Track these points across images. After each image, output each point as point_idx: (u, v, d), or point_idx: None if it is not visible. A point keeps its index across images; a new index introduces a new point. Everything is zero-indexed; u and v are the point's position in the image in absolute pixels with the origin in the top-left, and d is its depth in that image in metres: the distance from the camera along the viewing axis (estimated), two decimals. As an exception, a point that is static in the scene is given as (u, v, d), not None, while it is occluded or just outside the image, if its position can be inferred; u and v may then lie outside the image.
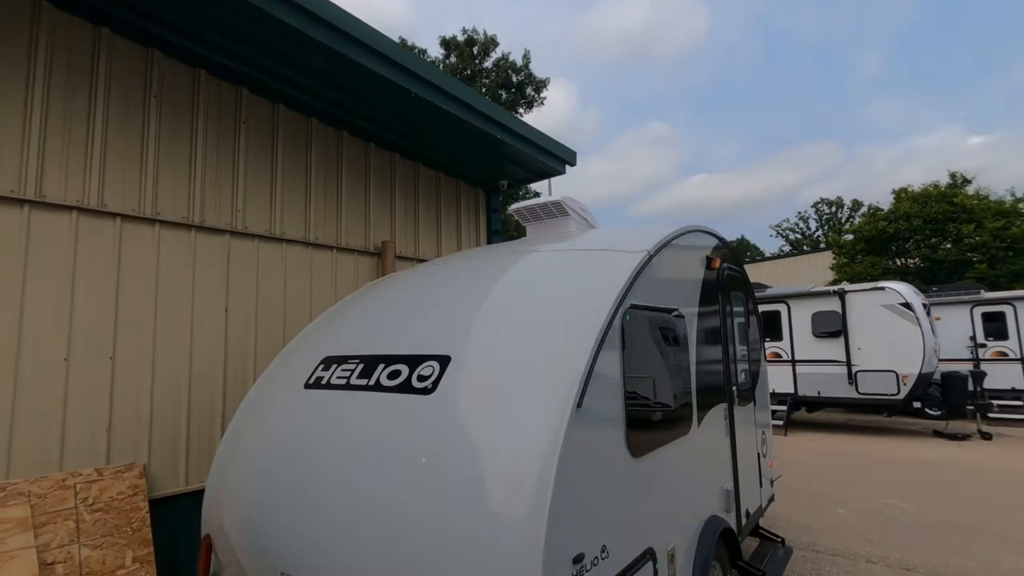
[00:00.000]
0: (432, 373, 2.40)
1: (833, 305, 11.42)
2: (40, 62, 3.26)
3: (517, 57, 25.38)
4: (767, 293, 12.62)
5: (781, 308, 12.18)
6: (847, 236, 27.76)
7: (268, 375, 3.37)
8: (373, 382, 2.57)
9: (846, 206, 43.77)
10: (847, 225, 38.24)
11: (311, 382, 2.90)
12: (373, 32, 4.09)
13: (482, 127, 5.25)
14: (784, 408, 11.51)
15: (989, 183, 51.15)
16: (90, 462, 3.22)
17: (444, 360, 2.43)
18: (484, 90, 24.12)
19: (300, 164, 4.72)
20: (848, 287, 11.58)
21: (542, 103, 26.01)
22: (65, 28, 3.40)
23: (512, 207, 4.34)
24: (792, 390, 11.79)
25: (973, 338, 12.62)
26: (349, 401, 2.63)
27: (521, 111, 25.23)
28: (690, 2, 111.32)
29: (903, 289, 10.90)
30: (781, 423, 11.22)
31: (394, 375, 2.52)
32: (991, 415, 11.46)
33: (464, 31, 25.25)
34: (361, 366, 2.72)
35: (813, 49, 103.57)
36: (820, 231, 44.53)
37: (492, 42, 25.19)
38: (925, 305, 11.28)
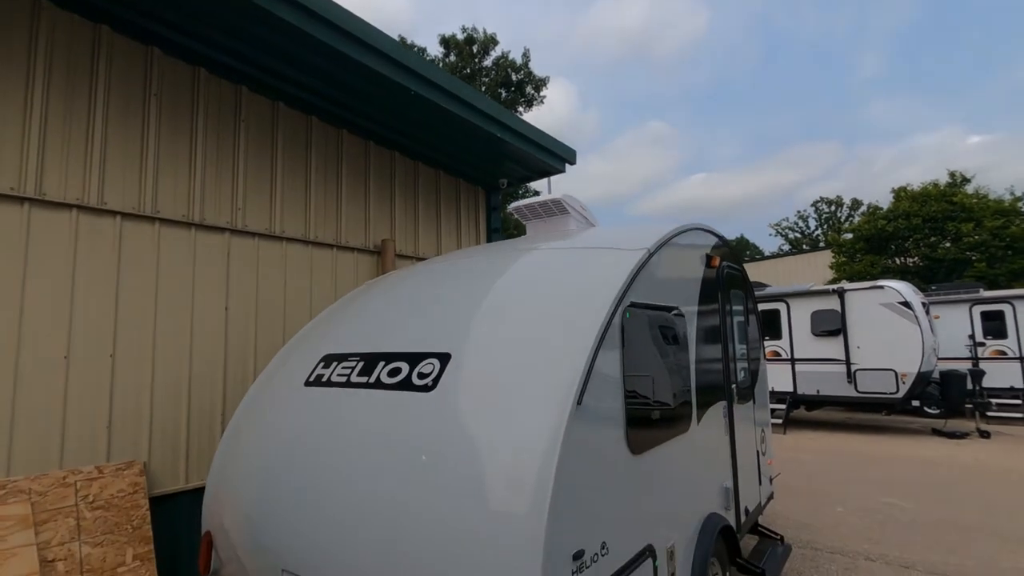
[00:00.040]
0: (432, 371, 2.40)
1: (832, 304, 11.44)
2: (40, 60, 3.26)
3: (517, 56, 25.35)
4: (767, 292, 12.63)
5: (780, 307, 12.19)
6: (846, 235, 27.79)
7: (268, 373, 3.37)
8: (373, 379, 2.58)
9: (846, 205, 43.82)
10: (846, 224, 38.20)
11: (311, 380, 2.90)
12: (373, 30, 4.09)
13: (482, 125, 5.25)
14: (783, 407, 11.53)
15: (988, 182, 51.20)
16: (90, 460, 3.22)
17: (444, 358, 2.44)
18: (484, 89, 24.08)
19: (300, 162, 4.72)
20: (847, 286, 11.60)
21: (542, 102, 25.96)
22: (65, 26, 3.40)
23: (512, 205, 4.34)
24: (791, 388, 11.80)
25: (972, 337, 12.63)
26: (349, 399, 2.64)
27: (521, 110, 25.19)
28: (690, 2, 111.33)
29: (902, 288, 10.91)
30: (780, 421, 11.24)
31: (394, 372, 2.53)
32: (990, 414, 11.47)
33: (464, 30, 25.22)
34: (361, 364, 2.73)
35: (813, 49, 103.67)
36: (819, 230, 44.53)
37: (492, 41, 25.14)
38: (924, 304, 11.29)
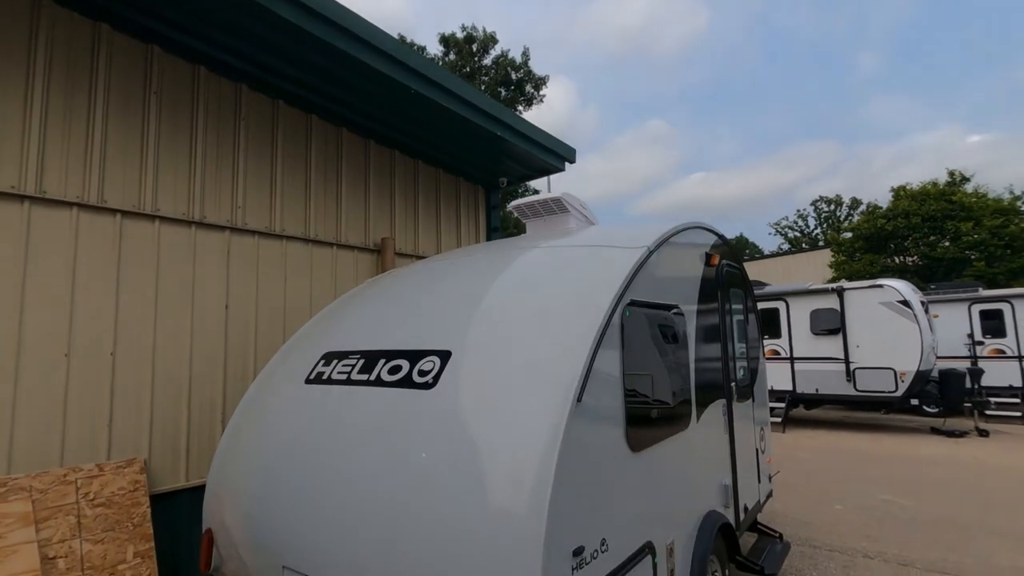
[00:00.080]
0: (433, 368, 2.41)
1: (831, 303, 11.45)
2: (40, 58, 3.26)
3: (516, 54, 25.34)
4: (766, 290, 12.64)
5: (780, 305, 12.20)
6: (846, 234, 27.81)
7: (268, 371, 3.38)
8: (374, 377, 2.58)
9: (845, 204, 43.79)
10: (846, 223, 38.27)
11: (312, 377, 2.91)
12: (373, 28, 4.09)
13: (482, 124, 5.24)
14: (782, 405, 11.55)
15: (988, 181, 51.08)
16: (91, 457, 3.23)
17: (445, 355, 2.44)
18: (483, 87, 24.06)
19: (300, 160, 4.72)
20: (847, 285, 11.61)
21: (541, 101, 25.94)
22: (65, 24, 3.39)
23: (512, 204, 4.34)
24: (790, 387, 11.82)
25: (971, 335, 12.64)
26: (350, 396, 2.64)
27: (520, 108, 25.17)
28: (690, 1, 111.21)
29: (901, 287, 10.92)
30: (779, 420, 11.26)
31: (395, 370, 2.54)
32: (988, 412, 11.51)
33: (463, 28, 25.19)
34: (362, 361, 2.73)
35: (813, 49, 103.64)
36: (819, 229, 44.54)
37: (491, 39, 25.12)
38: (923, 303, 11.29)
